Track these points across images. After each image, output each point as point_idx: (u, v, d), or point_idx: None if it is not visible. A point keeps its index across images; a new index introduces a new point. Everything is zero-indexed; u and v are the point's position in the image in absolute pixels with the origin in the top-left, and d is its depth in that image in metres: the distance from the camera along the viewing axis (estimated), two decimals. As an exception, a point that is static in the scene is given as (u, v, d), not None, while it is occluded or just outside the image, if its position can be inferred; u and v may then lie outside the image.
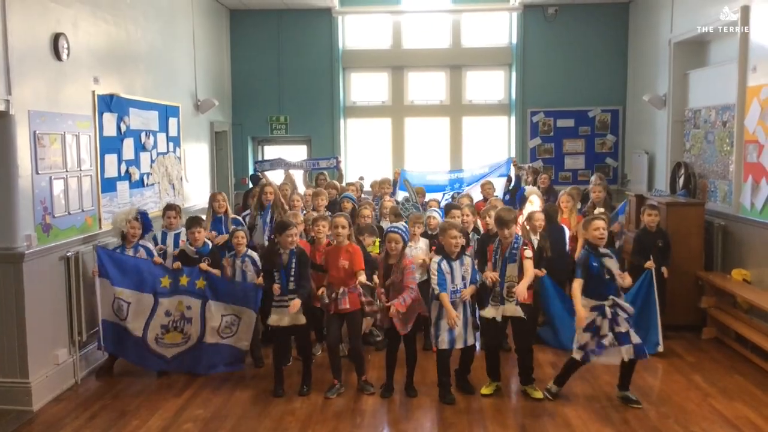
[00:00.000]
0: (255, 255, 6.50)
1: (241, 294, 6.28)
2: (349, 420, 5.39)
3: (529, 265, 5.62)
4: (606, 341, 5.40)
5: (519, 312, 5.62)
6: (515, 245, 5.67)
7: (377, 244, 6.74)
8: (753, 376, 6.25)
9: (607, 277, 5.42)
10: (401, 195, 9.14)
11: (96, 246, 6.34)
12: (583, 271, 5.49)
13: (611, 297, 5.42)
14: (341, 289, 5.78)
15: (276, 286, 5.74)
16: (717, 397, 5.75)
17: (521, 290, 5.52)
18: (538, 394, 5.74)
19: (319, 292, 5.88)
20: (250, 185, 10.07)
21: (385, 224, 7.24)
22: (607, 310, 5.40)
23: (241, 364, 6.36)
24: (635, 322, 6.77)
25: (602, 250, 5.50)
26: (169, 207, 7.07)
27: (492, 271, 5.65)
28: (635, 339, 5.42)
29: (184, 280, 6.29)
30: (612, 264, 5.45)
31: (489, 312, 5.69)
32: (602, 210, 7.75)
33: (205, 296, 6.27)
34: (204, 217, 7.12)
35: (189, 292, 6.29)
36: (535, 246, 6.25)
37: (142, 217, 6.56)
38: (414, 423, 5.37)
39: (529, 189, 8.47)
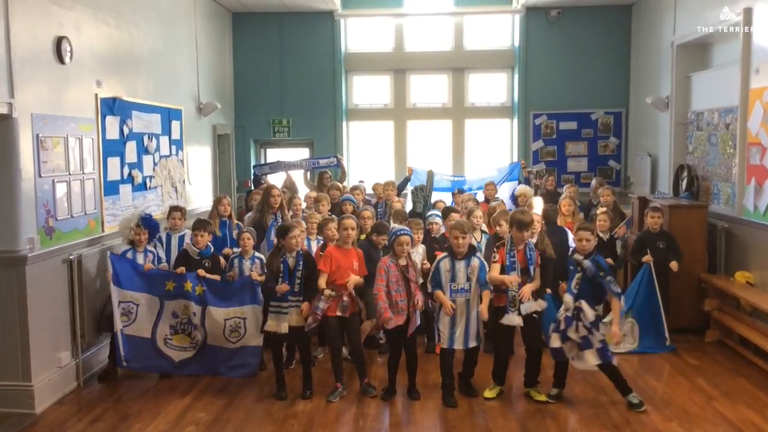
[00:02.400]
0: (263, 257, 6.50)
1: (240, 292, 6.23)
2: (351, 423, 5.39)
3: (538, 272, 5.71)
4: (570, 335, 5.52)
5: (542, 304, 5.68)
6: (530, 247, 5.71)
7: None
8: (756, 378, 6.23)
9: (573, 287, 5.55)
10: (417, 183, 9.24)
11: (110, 254, 6.32)
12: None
13: (579, 301, 5.50)
14: (353, 293, 5.81)
15: (283, 286, 5.74)
16: (720, 400, 5.73)
17: (527, 291, 5.56)
18: (541, 397, 5.73)
19: (326, 293, 5.77)
20: (253, 188, 10.07)
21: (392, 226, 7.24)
22: (571, 312, 5.52)
23: (254, 369, 6.25)
24: (643, 320, 6.90)
25: (577, 257, 5.58)
26: (175, 208, 7.07)
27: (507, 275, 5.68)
28: (596, 344, 5.47)
29: (188, 286, 6.26)
30: (587, 268, 5.51)
31: (511, 319, 5.65)
32: (604, 210, 7.78)
33: (204, 302, 6.25)
34: (210, 220, 7.11)
35: (192, 297, 6.26)
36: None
37: (145, 222, 6.53)
38: (416, 426, 5.36)
39: (520, 189, 8.48)
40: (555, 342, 5.61)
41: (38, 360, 5.68)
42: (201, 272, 6.29)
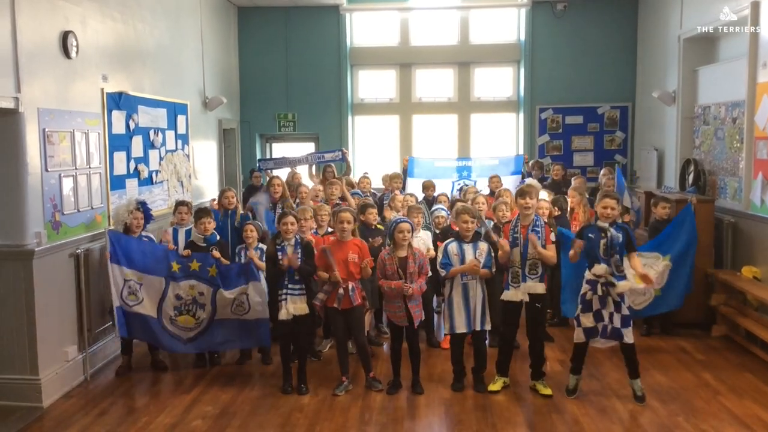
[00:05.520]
0: (265, 248, 6.51)
1: (242, 272, 6.22)
2: (357, 417, 5.40)
3: (552, 248, 5.63)
4: (603, 320, 5.46)
5: (540, 288, 5.63)
6: (537, 223, 5.66)
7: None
8: (763, 373, 6.21)
9: (602, 253, 5.42)
10: (412, 181, 9.21)
11: (107, 230, 6.33)
12: (577, 235, 5.66)
13: (605, 275, 5.40)
14: (350, 285, 5.77)
15: (292, 259, 5.71)
16: (727, 395, 5.72)
17: (537, 243, 5.50)
18: (547, 391, 5.72)
19: (333, 276, 5.73)
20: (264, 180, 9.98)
21: (391, 216, 7.25)
22: (599, 288, 5.44)
23: (266, 339, 6.27)
24: (676, 270, 6.88)
25: (601, 223, 5.48)
26: (181, 203, 7.07)
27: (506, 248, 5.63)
28: (616, 323, 5.43)
29: (195, 266, 6.26)
30: (615, 235, 5.40)
31: (511, 295, 5.68)
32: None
33: (216, 284, 6.24)
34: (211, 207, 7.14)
35: (200, 277, 6.26)
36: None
37: (143, 206, 6.60)
38: (421, 420, 5.37)
39: (529, 182, 8.46)
40: (587, 321, 5.52)
41: (45, 354, 5.71)
42: (215, 253, 6.30)
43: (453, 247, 5.69)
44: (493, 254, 5.73)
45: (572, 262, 5.81)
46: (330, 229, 6.71)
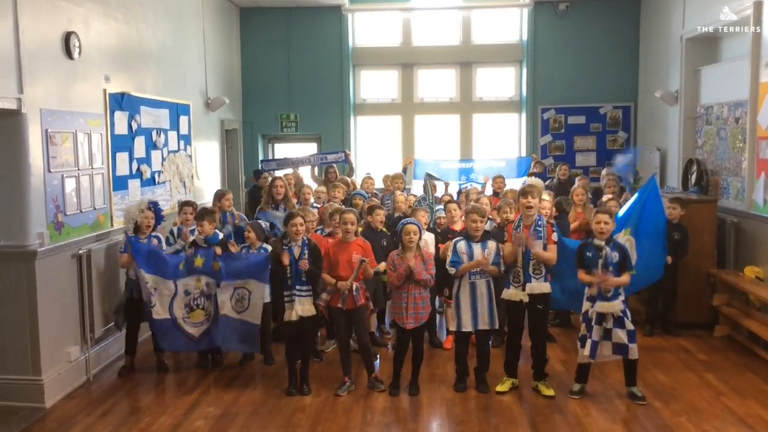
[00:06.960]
0: (269, 248, 6.52)
1: (252, 266, 6.21)
2: (359, 417, 5.40)
3: (553, 249, 5.63)
4: (595, 334, 5.50)
5: (545, 288, 5.63)
6: (539, 223, 5.65)
7: None
8: (765, 374, 6.20)
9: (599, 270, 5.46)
10: (417, 183, 9.17)
11: (126, 234, 6.33)
12: (577, 257, 5.64)
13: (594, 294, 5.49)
14: (354, 285, 5.77)
15: (302, 265, 5.70)
16: (729, 395, 5.71)
17: (537, 244, 5.51)
18: (549, 392, 5.71)
19: (340, 285, 5.75)
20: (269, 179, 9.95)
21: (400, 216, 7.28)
22: (597, 304, 5.49)
23: (255, 346, 6.27)
24: (642, 244, 6.62)
25: (597, 242, 5.53)
26: (186, 203, 7.07)
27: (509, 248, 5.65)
28: (617, 338, 5.47)
29: (198, 261, 6.27)
30: (610, 255, 5.46)
31: (511, 293, 5.69)
32: (611, 197, 7.77)
33: (219, 277, 6.23)
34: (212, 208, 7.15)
35: (205, 272, 6.26)
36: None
37: (155, 205, 6.61)
38: (423, 420, 5.37)
39: (531, 181, 8.46)
40: (595, 339, 5.55)
41: (48, 354, 5.71)
42: (218, 250, 6.30)
43: (462, 245, 5.68)
44: (501, 253, 5.73)
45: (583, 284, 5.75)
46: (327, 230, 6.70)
